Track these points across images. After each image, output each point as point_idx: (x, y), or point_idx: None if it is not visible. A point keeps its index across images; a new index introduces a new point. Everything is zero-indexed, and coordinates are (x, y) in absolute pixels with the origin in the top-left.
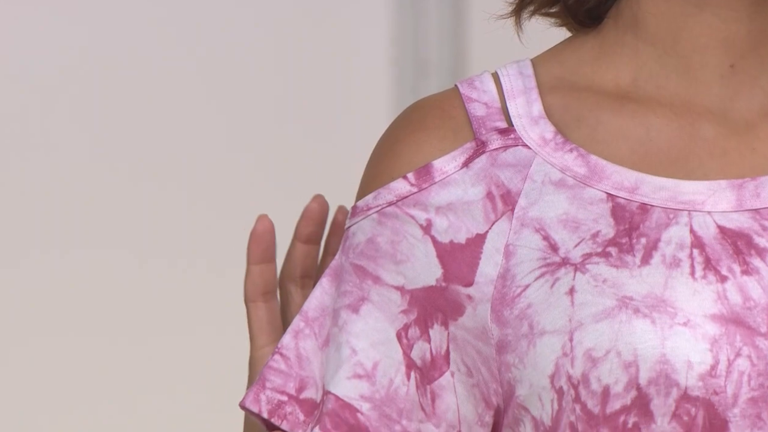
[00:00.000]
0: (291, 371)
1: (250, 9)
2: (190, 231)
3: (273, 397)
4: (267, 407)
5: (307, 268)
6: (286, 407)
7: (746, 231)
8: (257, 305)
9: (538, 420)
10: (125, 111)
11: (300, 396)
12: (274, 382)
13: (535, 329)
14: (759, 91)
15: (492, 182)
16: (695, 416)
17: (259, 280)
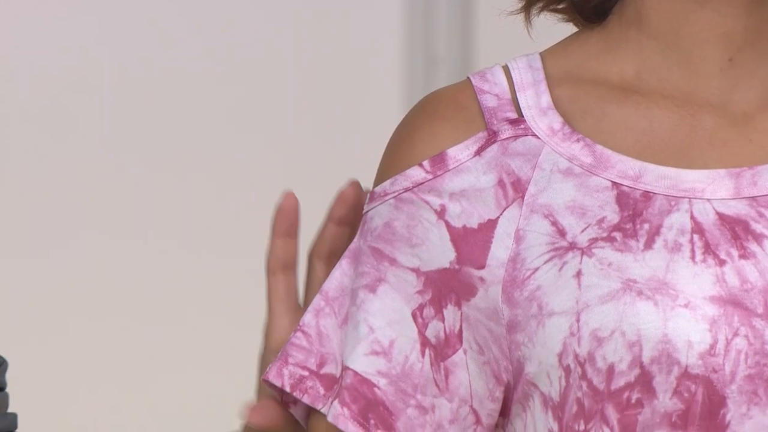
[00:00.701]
0: (312, 348)
1: (271, 9)
2: (213, 221)
3: (295, 372)
4: (289, 381)
5: (335, 248)
6: (307, 382)
7: (744, 217)
8: (277, 278)
9: (547, 396)
10: (148, 107)
11: (320, 371)
12: (297, 357)
13: (544, 310)
14: (757, 84)
15: (503, 170)
16: (695, 393)
17: (281, 253)
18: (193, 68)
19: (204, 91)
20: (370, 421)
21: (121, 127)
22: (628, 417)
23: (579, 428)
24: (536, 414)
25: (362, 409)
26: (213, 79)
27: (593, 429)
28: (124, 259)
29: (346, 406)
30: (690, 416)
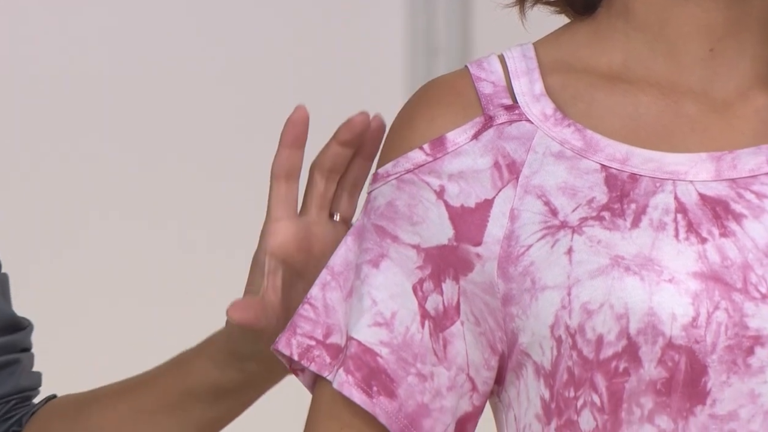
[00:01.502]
0: (319, 319)
1: (279, 3)
2: (220, 210)
3: (303, 341)
4: (297, 351)
5: (335, 165)
6: (314, 351)
7: (724, 198)
8: (279, 183)
9: (539, 365)
10: (154, 94)
11: (327, 341)
12: (304, 328)
13: (537, 284)
14: (736, 73)
15: (499, 153)
16: (678, 362)
17: (286, 161)
18: (199, 57)
19: (210, 84)
20: (373, 388)
21: (137, 117)
22: (616, 385)
23: (569, 395)
24: (529, 382)
25: (365, 377)
26: (220, 72)
27: (583, 396)
28: (140, 248)
29: (350, 374)
30: (673, 384)
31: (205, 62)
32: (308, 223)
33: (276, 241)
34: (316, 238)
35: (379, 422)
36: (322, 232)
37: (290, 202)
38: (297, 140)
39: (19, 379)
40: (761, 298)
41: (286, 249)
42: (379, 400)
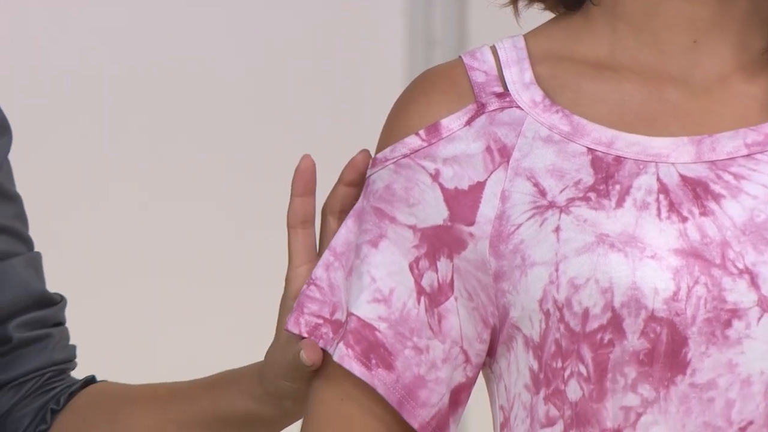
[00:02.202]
0: (324, 298)
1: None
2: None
3: (311, 320)
4: (306, 329)
5: (345, 205)
6: (321, 329)
7: (704, 179)
8: (296, 231)
9: (529, 337)
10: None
11: (333, 318)
12: (311, 308)
13: (526, 261)
14: (717, 61)
15: (490, 138)
16: (660, 334)
17: (300, 210)
18: (198, 52)
19: (212, 77)
20: (372, 361)
21: (136, 117)
22: (601, 355)
23: (557, 366)
24: (519, 353)
25: (365, 350)
26: (220, 68)
27: (570, 366)
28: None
29: (350, 348)
30: (655, 354)
31: (208, 56)
32: None
33: (300, 286)
34: None
35: (378, 393)
36: None
37: (309, 248)
38: (307, 188)
39: (53, 353)
40: (738, 273)
41: None
42: (377, 372)
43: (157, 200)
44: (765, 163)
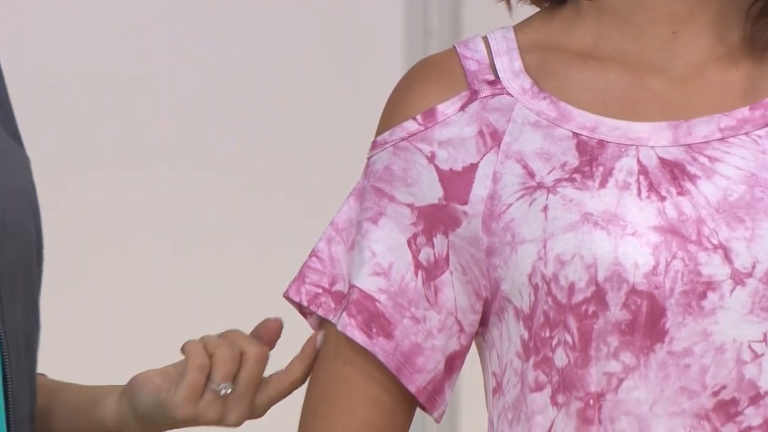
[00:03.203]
0: (325, 270)
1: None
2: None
3: (311, 290)
4: (306, 297)
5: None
6: (321, 298)
7: (681, 161)
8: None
9: (519, 309)
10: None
11: (332, 289)
12: (312, 278)
13: (516, 238)
14: (695, 52)
15: (483, 123)
16: (640, 305)
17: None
18: (215, 35)
19: (211, 72)
20: (372, 330)
21: (137, 116)
22: (586, 326)
23: (545, 335)
24: (510, 324)
25: (366, 320)
26: (219, 63)
27: (557, 336)
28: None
29: (352, 317)
30: (636, 325)
31: (207, 48)
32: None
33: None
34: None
35: (377, 360)
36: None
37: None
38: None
39: None
40: (713, 248)
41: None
42: (377, 340)
43: (158, 199)
44: (737, 146)
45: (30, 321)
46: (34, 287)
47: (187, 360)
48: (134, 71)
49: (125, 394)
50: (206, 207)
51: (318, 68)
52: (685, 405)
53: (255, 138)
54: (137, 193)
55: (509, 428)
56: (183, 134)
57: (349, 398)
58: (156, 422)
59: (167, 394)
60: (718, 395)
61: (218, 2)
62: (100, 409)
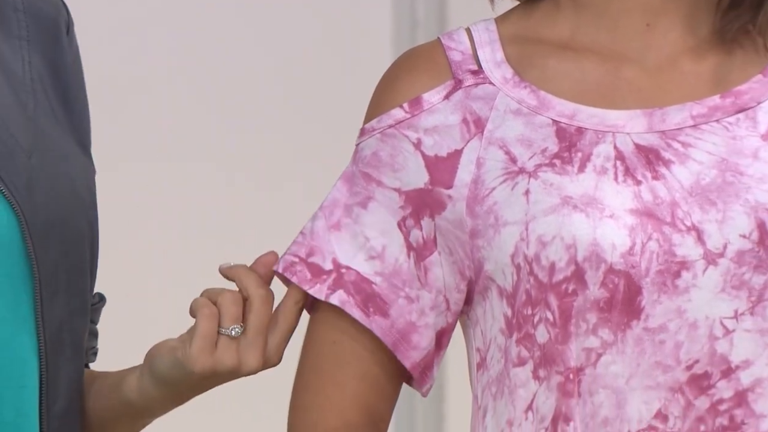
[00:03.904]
0: (304, 242)
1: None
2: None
3: (288, 258)
4: (282, 265)
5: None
6: (296, 266)
7: (655, 147)
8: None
9: (502, 287)
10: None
11: (308, 259)
12: (291, 249)
13: (499, 221)
14: (667, 43)
15: (466, 111)
16: (618, 284)
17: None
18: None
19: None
20: (370, 309)
21: (137, 116)
22: (566, 303)
23: (527, 313)
24: (494, 302)
25: (364, 300)
26: (268, 49)
27: (538, 313)
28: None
29: (351, 296)
30: (614, 303)
31: (203, 43)
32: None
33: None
34: None
35: (369, 337)
36: None
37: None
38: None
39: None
40: (686, 230)
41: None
42: (374, 318)
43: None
44: (709, 132)
45: (76, 319)
46: (83, 287)
47: (195, 312)
48: (133, 68)
49: (144, 366)
50: (203, 200)
51: (310, 59)
52: (660, 379)
53: (246, 127)
54: (138, 188)
55: (493, 402)
56: (179, 128)
57: (341, 373)
58: (177, 384)
59: (183, 351)
60: (691, 369)
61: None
62: (124, 388)
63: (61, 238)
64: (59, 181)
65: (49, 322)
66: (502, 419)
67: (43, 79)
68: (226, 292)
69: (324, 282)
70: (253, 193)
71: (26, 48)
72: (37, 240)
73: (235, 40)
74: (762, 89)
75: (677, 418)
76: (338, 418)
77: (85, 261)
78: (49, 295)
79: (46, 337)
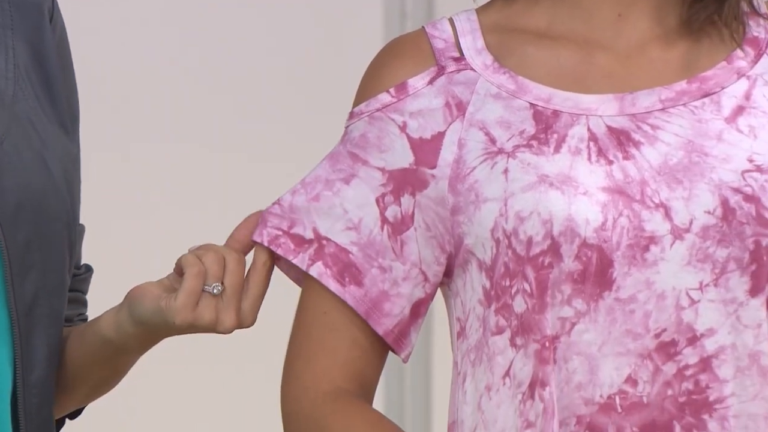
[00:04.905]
0: (284, 215)
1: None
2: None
3: (272, 232)
4: (267, 239)
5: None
6: (280, 239)
7: (626, 129)
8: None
9: (481, 260)
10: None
11: (290, 231)
12: (273, 222)
13: (480, 198)
14: (637, 32)
15: (449, 95)
16: (591, 257)
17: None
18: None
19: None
20: (345, 279)
21: (137, 116)
22: (542, 275)
23: (505, 284)
24: (473, 274)
25: (340, 270)
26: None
27: (516, 285)
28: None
29: (328, 267)
30: (587, 275)
31: (196, 39)
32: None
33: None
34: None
35: (350, 306)
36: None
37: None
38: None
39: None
40: (655, 207)
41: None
42: (349, 288)
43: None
44: (677, 115)
45: (51, 293)
46: (59, 264)
47: (185, 269)
48: (132, 64)
49: (123, 305)
50: (198, 181)
51: (304, 48)
52: (630, 346)
53: (239, 117)
54: (145, 172)
55: (472, 368)
56: (177, 114)
57: (331, 339)
58: (154, 328)
59: (167, 301)
60: (659, 337)
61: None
62: (101, 326)
63: (34, 218)
64: (32, 164)
65: (21, 299)
66: (480, 385)
67: (27, 66)
68: (210, 253)
69: (306, 251)
70: (246, 178)
71: (10, 36)
72: (6, 222)
73: (228, 32)
74: (726, 75)
75: (646, 383)
76: (329, 383)
77: (60, 239)
78: (21, 273)
79: (18, 314)
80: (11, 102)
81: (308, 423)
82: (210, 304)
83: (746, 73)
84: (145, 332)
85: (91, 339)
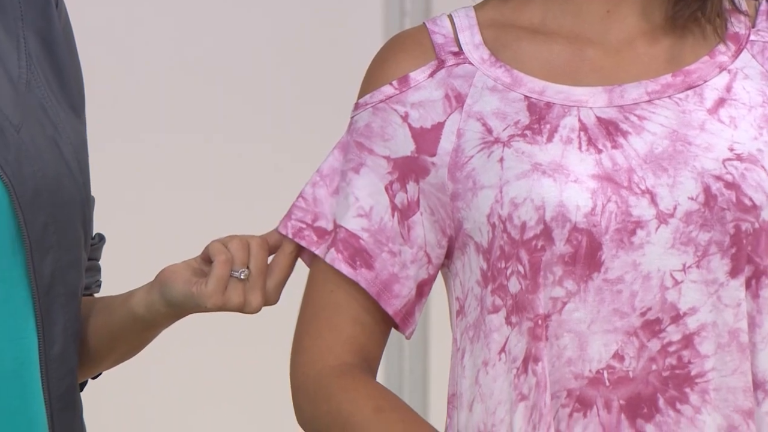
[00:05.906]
0: (308, 208)
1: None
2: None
3: (296, 224)
4: (291, 231)
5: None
6: (304, 231)
7: (615, 120)
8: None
9: (479, 244)
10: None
11: (314, 224)
12: (297, 215)
13: (477, 185)
14: (625, 27)
15: (448, 87)
16: (581, 241)
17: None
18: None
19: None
20: (357, 262)
21: (138, 116)
22: (535, 258)
23: (501, 266)
24: (471, 256)
25: (351, 255)
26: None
27: (511, 266)
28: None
29: (339, 253)
30: (577, 257)
31: (196, 36)
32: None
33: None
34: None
35: (360, 287)
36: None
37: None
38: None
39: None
40: (641, 193)
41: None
42: (360, 271)
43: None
44: (662, 107)
45: (68, 271)
46: (75, 243)
47: (214, 257)
48: (132, 62)
49: (154, 286)
50: (200, 171)
51: (306, 45)
52: (618, 324)
53: (240, 112)
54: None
55: (470, 344)
56: (174, 104)
57: (336, 318)
58: (185, 309)
59: (198, 287)
60: (644, 316)
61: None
62: (130, 300)
63: (51, 202)
64: (48, 151)
65: (41, 278)
66: (478, 360)
67: (37, 53)
68: (235, 240)
69: (326, 241)
70: (248, 172)
71: (21, 27)
72: (26, 207)
73: (228, 30)
74: (708, 69)
75: (632, 359)
76: (335, 357)
77: (75, 219)
78: (41, 255)
79: (39, 292)
80: (25, 91)
81: (316, 394)
82: (238, 288)
83: (727, 67)
84: (174, 312)
85: (122, 315)
